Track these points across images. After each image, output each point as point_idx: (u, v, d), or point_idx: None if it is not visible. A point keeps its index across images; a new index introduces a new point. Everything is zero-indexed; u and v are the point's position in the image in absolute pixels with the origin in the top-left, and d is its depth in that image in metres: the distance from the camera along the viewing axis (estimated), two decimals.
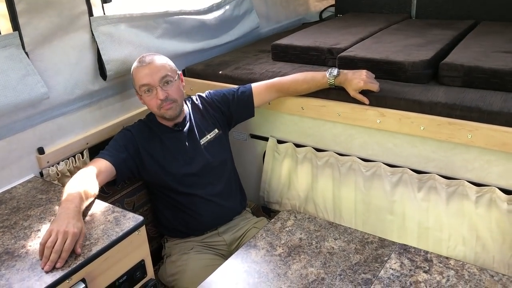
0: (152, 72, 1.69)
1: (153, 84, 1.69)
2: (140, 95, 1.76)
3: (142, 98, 1.76)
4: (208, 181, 1.84)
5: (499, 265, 1.70)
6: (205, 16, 2.36)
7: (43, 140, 1.74)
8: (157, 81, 1.69)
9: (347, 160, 1.93)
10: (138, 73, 1.72)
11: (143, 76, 1.70)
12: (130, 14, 1.97)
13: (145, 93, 1.71)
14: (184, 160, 1.81)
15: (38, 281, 1.17)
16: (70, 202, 1.35)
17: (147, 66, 1.70)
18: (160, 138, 1.80)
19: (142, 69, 1.71)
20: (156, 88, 1.69)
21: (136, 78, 1.73)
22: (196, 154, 1.82)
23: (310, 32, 2.45)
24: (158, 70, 1.70)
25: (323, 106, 1.89)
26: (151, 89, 1.70)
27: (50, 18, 1.66)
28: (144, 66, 1.71)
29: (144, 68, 1.70)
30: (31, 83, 1.59)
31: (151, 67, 1.70)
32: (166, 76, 1.70)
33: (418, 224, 1.84)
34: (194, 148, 1.83)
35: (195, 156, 1.82)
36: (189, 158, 1.81)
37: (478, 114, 1.58)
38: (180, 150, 1.81)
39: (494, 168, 1.62)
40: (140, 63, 1.73)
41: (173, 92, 1.72)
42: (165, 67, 1.73)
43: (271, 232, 1.42)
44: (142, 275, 1.44)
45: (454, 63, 1.78)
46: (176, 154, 1.80)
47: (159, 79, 1.69)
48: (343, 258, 1.26)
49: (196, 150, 1.83)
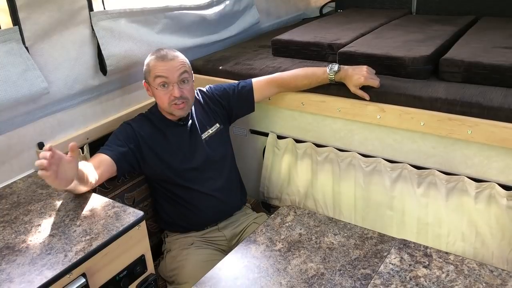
0: (173, 68, 1.68)
1: (171, 80, 1.68)
2: (151, 86, 1.73)
3: (153, 91, 1.74)
4: (209, 176, 1.85)
5: (498, 260, 1.70)
6: (205, 11, 2.36)
7: (43, 135, 1.74)
8: (176, 78, 1.68)
9: (347, 155, 1.93)
10: (158, 66, 1.69)
11: (163, 70, 1.68)
12: (130, 9, 1.96)
13: (160, 87, 1.70)
14: (185, 155, 1.81)
15: (38, 275, 1.17)
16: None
17: (170, 61, 1.69)
18: (162, 132, 1.80)
19: (164, 63, 1.69)
20: (173, 84, 1.68)
21: (154, 69, 1.70)
22: (197, 148, 1.83)
23: (311, 28, 2.45)
24: (179, 67, 1.69)
25: (323, 102, 1.89)
26: (167, 84, 1.69)
27: (50, 12, 1.66)
28: (166, 61, 1.69)
29: (166, 62, 1.69)
30: (31, 78, 1.59)
31: (173, 63, 1.69)
32: (184, 74, 1.71)
33: (418, 220, 1.84)
34: (196, 143, 1.83)
35: (196, 150, 1.82)
36: (191, 153, 1.81)
37: (478, 110, 1.59)
38: (182, 144, 1.81)
39: (494, 164, 1.62)
40: (162, 57, 1.70)
41: (187, 92, 1.72)
42: (185, 66, 1.73)
43: (271, 227, 1.42)
44: (142, 270, 1.45)
45: (455, 59, 1.78)
46: (178, 149, 1.80)
47: (178, 76, 1.69)
48: (342, 254, 1.26)
49: (197, 144, 1.83)
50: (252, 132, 2.22)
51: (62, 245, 1.28)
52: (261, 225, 1.49)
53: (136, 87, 2.07)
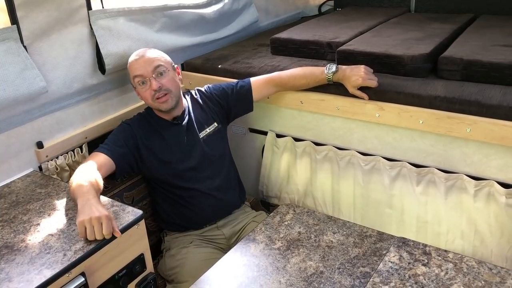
0: (145, 64, 1.71)
1: (146, 75, 1.71)
2: (134, 87, 1.77)
3: (137, 91, 1.78)
4: (207, 175, 1.84)
5: (497, 258, 1.70)
6: (204, 10, 2.35)
7: (42, 134, 1.74)
8: (150, 72, 1.70)
9: (346, 154, 1.93)
10: (132, 65, 1.74)
11: (137, 67, 1.72)
12: (129, 7, 1.96)
13: (140, 85, 1.73)
14: (183, 154, 1.81)
15: (37, 275, 1.17)
16: (87, 194, 1.35)
17: (141, 58, 1.73)
18: (159, 132, 1.80)
19: (136, 61, 1.74)
20: (150, 79, 1.70)
21: (131, 70, 1.75)
22: (195, 147, 1.83)
23: (309, 26, 2.44)
24: (151, 61, 1.72)
25: (322, 100, 1.89)
26: (145, 81, 1.71)
27: (49, 11, 1.66)
28: (138, 58, 1.74)
29: (137, 60, 1.73)
30: (29, 77, 1.59)
31: (144, 58, 1.73)
32: (159, 67, 1.72)
33: (417, 218, 1.84)
34: (193, 142, 1.83)
35: (194, 149, 1.82)
36: (188, 152, 1.81)
37: (477, 108, 1.58)
38: (179, 143, 1.81)
39: (493, 162, 1.62)
40: (135, 56, 1.76)
41: (167, 83, 1.73)
42: (158, 59, 1.75)
43: (270, 225, 1.42)
44: (142, 268, 1.44)
45: (453, 57, 1.78)
46: (175, 148, 1.80)
47: (152, 70, 1.71)
48: (341, 252, 1.26)
49: (195, 143, 1.83)
50: (251, 131, 2.22)
51: (61, 244, 1.28)
52: (260, 223, 1.49)
53: None
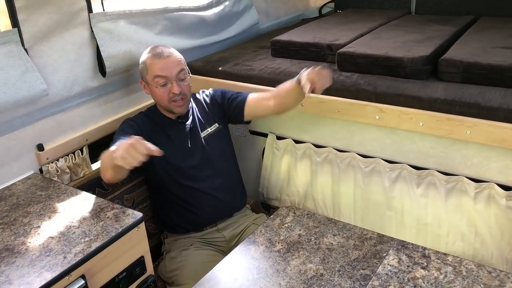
0: (171, 66, 1.71)
1: (170, 78, 1.71)
2: (149, 85, 1.75)
3: (151, 89, 1.76)
4: (208, 174, 1.85)
5: (498, 261, 1.70)
6: (204, 13, 2.36)
7: (42, 137, 1.74)
8: (174, 75, 1.71)
9: (346, 156, 1.93)
10: (155, 64, 1.71)
11: (161, 68, 1.70)
12: (130, 10, 1.97)
13: (160, 86, 1.72)
14: (186, 152, 1.82)
15: (37, 277, 1.17)
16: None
17: (167, 59, 1.72)
18: (163, 129, 1.81)
19: (161, 61, 1.71)
20: (172, 82, 1.71)
21: (152, 69, 1.72)
22: (196, 146, 1.84)
23: (310, 28, 2.45)
24: (177, 64, 1.73)
25: (322, 102, 1.89)
26: (167, 83, 1.71)
27: (49, 14, 1.66)
28: (163, 58, 1.71)
29: (163, 60, 1.71)
30: (30, 80, 1.59)
31: (170, 60, 1.72)
32: (182, 71, 1.74)
33: (417, 220, 1.84)
34: (195, 140, 1.84)
35: (196, 148, 1.84)
36: (191, 150, 1.83)
37: (477, 110, 1.59)
38: (181, 142, 1.82)
39: (493, 164, 1.62)
40: (158, 55, 1.72)
41: (185, 88, 1.75)
42: (182, 62, 1.76)
43: (270, 228, 1.42)
44: (142, 271, 1.45)
45: (453, 59, 1.78)
46: (179, 146, 1.81)
47: (176, 73, 1.71)
48: (342, 254, 1.26)
49: (197, 142, 1.84)
50: (252, 133, 2.22)
51: (61, 246, 1.28)
52: (260, 225, 1.49)
53: (135, 89, 2.08)
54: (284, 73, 2.03)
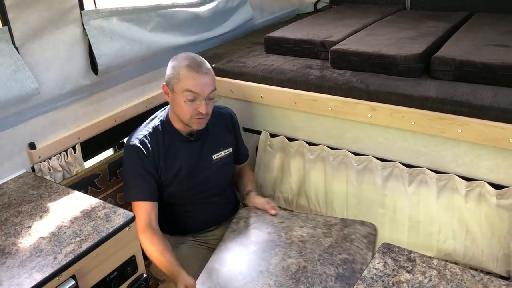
0: (206, 84, 1.63)
1: (201, 96, 1.63)
2: (175, 94, 1.65)
3: (176, 100, 1.66)
4: (207, 195, 1.82)
5: (488, 258, 1.71)
6: (198, 9, 2.34)
7: (34, 135, 1.74)
8: (206, 95, 1.63)
9: (339, 154, 1.93)
10: (190, 78, 1.62)
11: (196, 84, 1.61)
12: (122, 7, 1.95)
13: (188, 100, 1.62)
14: (190, 172, 1.76)
15: (28, 278, 1.18)
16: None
17: (204, 76, 1.63)
18: (171, 146, 1.73)
19: (198, 76, 1.62)
20: (202, 100, 1.63)
21: (185, 81, 1.62)
22: (203, 168, 1.78)
23: (304, 24, 2.44)
24: (211, 83, 1.65)
25: (315, 100, 1.89)
26: (196, 99, 1.63)
27: (40, 12, 1.65)
28: (201, 74, 1.62)
29: (201, 76, 1.62)
30: (21, 78, 1.58)
31: (208, 78, 1.64)
32: (213, 91, 1.66)
33: (409, 218, 1.85)
34: (203, 162, 1.78)
35: (202, 170, 1.78)
36: (195, 171, 1.76)
37: (469, 109, 1.59)
38: (189, 161, 1.75)
39: (484, 162, 1.63)
40: (196, 69, 1.62)
41: (211, 107, 1.68)
42: (214, 83, 1.69)
43: (238, 232, 1.41)
44: (133, 270, 1.45)
45: (446, 57, 1.78)
46: (184, 165, 1.74)
47: (208, 93, 1.64)
48: (315, 244, 1.27)
49: (205, 164, 1.78)
50: (245, 130, 2.22)
51: (52, 247, 1.29)
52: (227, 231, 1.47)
53: (128, 86, 2.07)
54: (277, 71, 2.02)
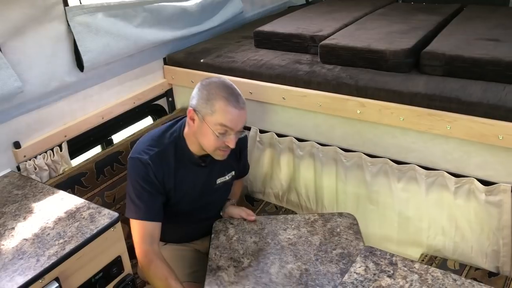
0: (241, 120, 1.54)
1: (234, 131, 1.54)
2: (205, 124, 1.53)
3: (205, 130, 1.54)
4: (206, 216, 1.79)
5: (477, 254, 1.71)
6: (186, 3, 2.31)
7: (19, 134, 1.72)
8: (238, 129, 1.56)
9: (328, 150, 1.92)
10: (228, 113, 1.50)
11: (232, 119, 1.51)
12: (108, 2, 1.92)
13: (219, 133, 1.52)
14: (193, 195, 1.71)
15: (9, 281, 1.16)
16: None
17: (241, 111, 1.53)
18: (180, 169, 1.65)
19: (236, 111, 1.51)
20: (232, 135, 1.54)
21: (222, 115, 1.50)
22: (206, 191, 1.73)
23: (294, 18, 2.41)
24: (245, 119, 1.57)
25: (304, 96, 1.87)
26: (226, 133, 1.54)
27: (22, 9, 1.62)
28: (238, 109, 1.52)
29: (238, 112, 1.52)
30: (3, 77, 1.55)
31: (244, 113, 1.55)
32: (243, 127, 1.60)
33: (399, 214, 1.84)
34: (207, 186, 1.73)
35: (205, 194, 1.73)
36: (199, 195, 1.72)
37: (457, 105, 1.58)
38: (195, 185, 1.69)
39: (473, 159, 1.62)
40: (234, 104, 1.51)
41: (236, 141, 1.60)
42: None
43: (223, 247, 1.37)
44: (119, 271, 1.44)
45: (436, 52, 1.76)
46: (191, 188, 1.69)
47: (240, 128, 1.56)
48: (306, 244, 1.25)
49: (208, 188, 1.73)
50: None
51: (34, 249, 1.27)
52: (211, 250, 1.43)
53: (114, 83, 2.04)
54: (266, 66, 2.00)
